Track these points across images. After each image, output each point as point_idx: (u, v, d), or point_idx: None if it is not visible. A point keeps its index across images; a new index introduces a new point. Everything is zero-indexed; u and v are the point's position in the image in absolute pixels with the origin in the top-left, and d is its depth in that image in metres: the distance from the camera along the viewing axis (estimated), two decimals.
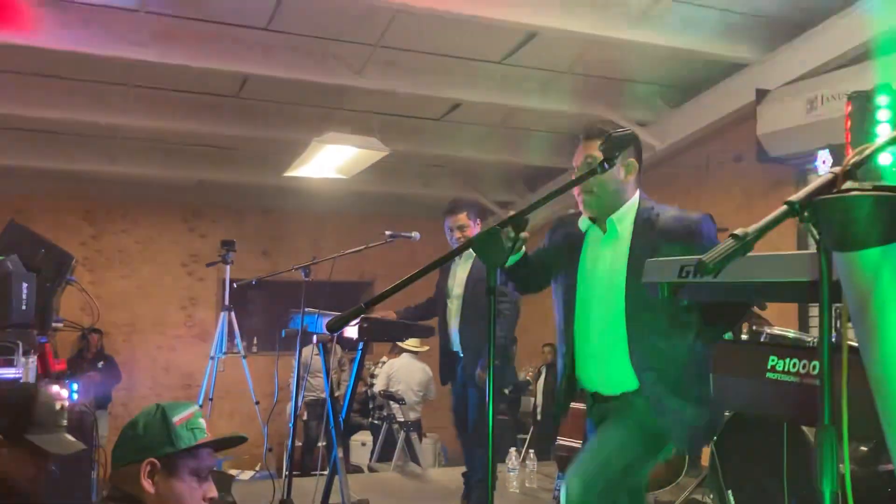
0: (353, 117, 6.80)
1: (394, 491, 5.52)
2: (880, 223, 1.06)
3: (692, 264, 1.61)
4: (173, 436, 1.80)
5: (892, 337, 1.10)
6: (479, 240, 1.82)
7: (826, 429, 1.17)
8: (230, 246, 6.19)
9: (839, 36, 5.15)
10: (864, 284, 1.10)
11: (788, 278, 1.39)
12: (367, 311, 1.74)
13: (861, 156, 1.25)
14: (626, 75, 6.45)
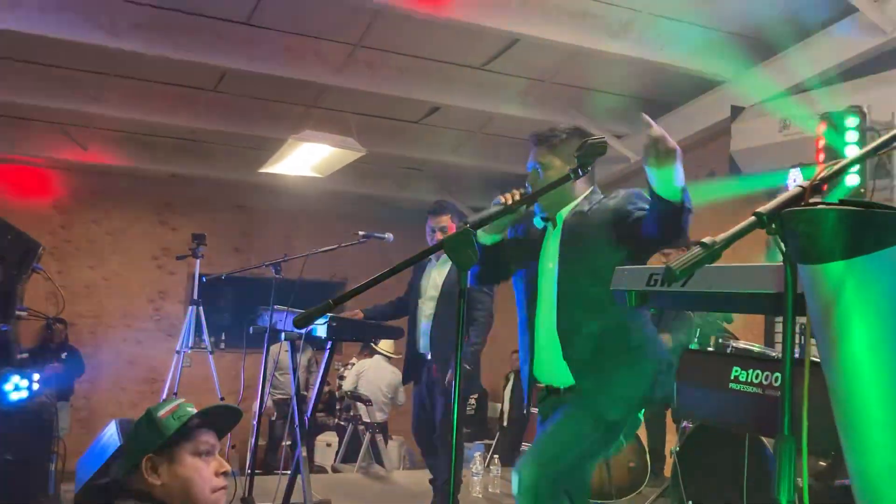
0: (331, 116, 6.78)
1: (357, 492, 5.49)
2: (845, 237, 1.08)
3: (660, 273, 1.62)
4: (161, 428, 1.87)
5: (854, 350, 1.11)
6: (450, 241, 1.81)
7: (785, 439, 1.18)
8: (201, 240, 6.15)
9: (814, 57, 5.23)
10: (828, 297, 1.12)
11: (754, 290, 1.40)
12: (335, 309, 1.73)
13: (829, 171, 1.27)
14: (604, 87, 6.50)
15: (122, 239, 9.42)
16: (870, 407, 1.12)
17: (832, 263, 1.09)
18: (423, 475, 5.56)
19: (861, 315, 1.09)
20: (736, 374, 1.52)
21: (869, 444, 1.14)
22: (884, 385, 1.11)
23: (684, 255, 1.17)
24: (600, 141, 1.95)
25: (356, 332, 4.31)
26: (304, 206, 9.48)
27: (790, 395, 1.18)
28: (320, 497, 4.83)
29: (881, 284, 1.09)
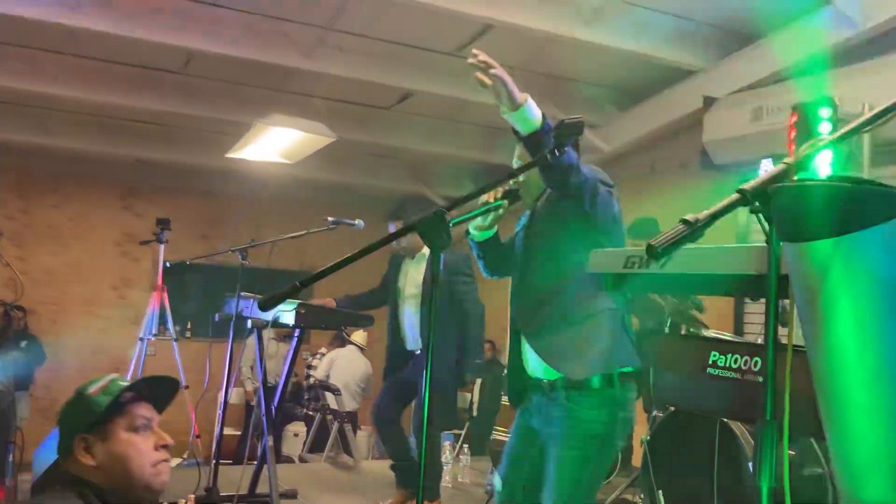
0: (300, 101, 6.66)
1: (324, 481, 5.43)
2: (834, 214, 1.03)
3: (637, 255, 1.58)
4: (91, 405, 1.77)
5: (840, 332, 1.07)
6: (423, 223, 1.75)
7: (767, 424, 1.15)
8: (165, 224, 6.01)
9: (786, 48, 5.23)
10: (814, 277, 1.08)
11: (735, 271, 1.37)
12: (302, 292, 1.67)
13: (814, 148, 1.23)
14: (578, 76, 6.46)
15: (85, 224, 9.22)
16: (854, 390, 1.09)
17: (819, 242, 1.05)
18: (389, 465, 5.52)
19: (848, 296, 1.05)
20: (714, 359, 1.49)
21: (852, 429, 1.11)
22: (869, 368, 1.07)
23: (666, 231, 1.12)
24: (577, 120, 1.90)
25: (325, 319, 4.22)
26: (272, 192, 9.35)
27: (773, 379, 1.14)
28: (287, 487, 4.76)
29: (869, 264, 1.05)
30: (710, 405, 1.61)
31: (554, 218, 2.61)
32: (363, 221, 4.47)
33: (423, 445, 1.81)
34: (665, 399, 1.66)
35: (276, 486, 4.09)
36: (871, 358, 1.07)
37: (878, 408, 1.08)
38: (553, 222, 2.61)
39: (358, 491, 5.12)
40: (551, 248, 2.60)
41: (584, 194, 2.39)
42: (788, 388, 1.15)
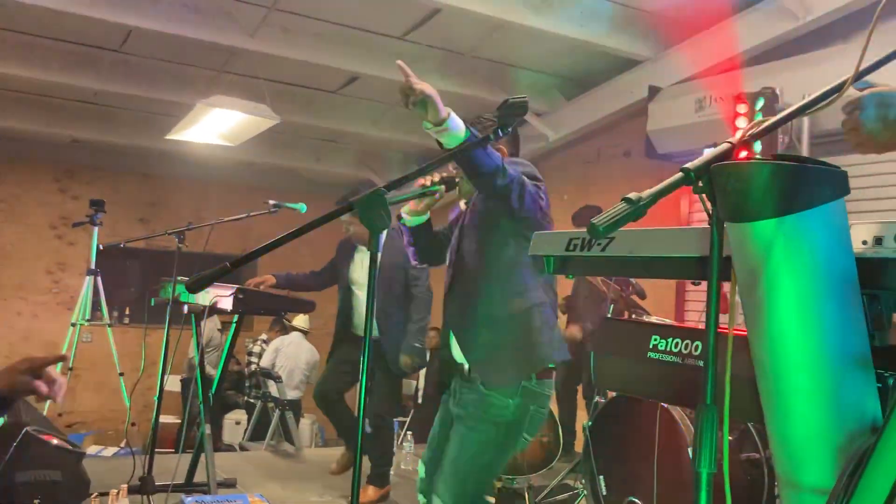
0: (243, 82, 6.51)
1: (264, 470, 5.34)
2: (777, 194, 1.01)
3: (579, 237, 1.55)
4: None
5: (781, 313, 1.06)
6: (362, 202, 1.70)
7: (707, 409, 1.13)
8: (99, 206, 5.81)
9: (730, 39, 5.30)
10: (756, 258, 1.06)
11: (678, 254, 1.35)
12: (233, 271, 1.60)
13: (758, 128, 1.21)
14: (526, 64, 6.45)
15: (18, 207, 8.89)
16: (794, 373, 1.07)
17: (762, 221, 1.03)
18: (333, 453, 5.46)
19: (790, 276, 1.04)
20: (655, 344, 1.47)
21: (792, 412, 1.10)
22: (809, 350, 1.06)
23: (609, 209, 1.09)
24: (522, 100, 1.86)
25: (265, 304, 4.13)
26: (214, 175, 9.15)
27: (714, 363, 1.12)
28: (226, 476, 4.67)
29: (812, 244, 1.03)
30: (651, 390, 1.59)
31: (484, 216, 2.61)
32: (305, 205, 4.38)
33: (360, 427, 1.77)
34: (607, 384, 1.64)
35: (213, 475, 4.00)
36: (812, 340, 1.06)
37: (818, 390, 1.07)
38: (483, 220, 2.62)
39: (299, 479, 5.04)
40: (481, 246, 2.60)
41: (512, 194, 2.39)
42: (729, 372, 1.14)
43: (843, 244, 1.07)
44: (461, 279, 2.65)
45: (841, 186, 1.05)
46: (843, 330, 1.06)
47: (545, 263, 1.64)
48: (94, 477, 3.90)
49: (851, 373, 1.07)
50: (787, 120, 1.26)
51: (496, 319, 2.56)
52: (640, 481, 3.52)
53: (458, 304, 2.63)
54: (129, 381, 5.79)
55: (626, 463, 3.64)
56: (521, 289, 2.59)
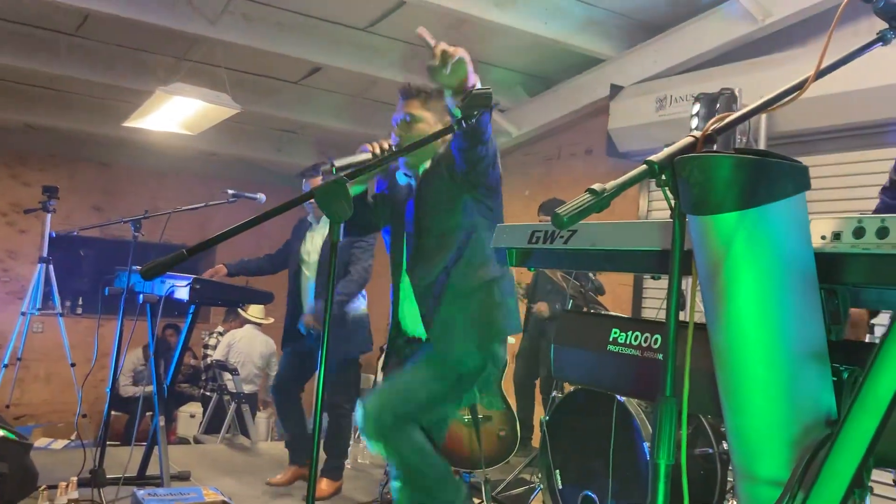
0: (204, 70, 6.40)
1: (219, 463, 5.27)
2: (739, 187, 1.02)
3: (542, 230, 1.55)
4: None
5: (741, 306, 1.07)
6: (322, 191, 1.68)
7: (666, 400, 1.13)
8: (52, 193, 5.67)
9: (691, 40, 5.37)
10: (717, 251, 1.06)
11: (639, 247, 1.35)
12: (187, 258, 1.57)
13: (722, 122, 1.22)
14: (489, 59, 6.45)
15: None
16: (752, 365, 1.08)
17: (724, 215, 1.03)
18: None
19: (750, 269, 1.05)
20: (615, 336, 1.47)
21: (750, 404, 1.11)
22: (768, 343, 1.07)
23: (572, 200, 1.09)
24: (486, 91, 1.85)
25: (222, 295, 4.07)
26: (172, 165, 9.00)
27: (674, 355, 1.12)
28: (179, 469, 4.60)
29: (773, 238, 1.04)
30: (610, 382, 1.60)
31: (446, 189, 2.59)
32: (265, 195, 4.34)
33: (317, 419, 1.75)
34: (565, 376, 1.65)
35: (167, 468, 3.94)
36: (771, 333, 1.07)
37: (776, 383, 1.08)
38: (444, 193, 2.60)
39: (254, 472, 4.99)
40: (442, 220, 2.60)
41: (490, 166, 2.42)
42: (688, 364, 1.14)
43: (802, 238, 1.08)
44: (422, 254, 2.62)
45: (802, 181, 1.06)
46: (802, 324, 1.08)
47: (507, 256, 1.64)
48: (42, 470, 3.82)
49: (808, 366, 1.08)
50: (750, 115, 1.27)
51: (459, 293, 2.58)
52: (596, 476, 3.56)
53: (420, 279, 2.61)
54: (80, 373, 5.67)
55: (582, 457, 3.67)
56: (483, 262, 2.62)
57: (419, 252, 2.62)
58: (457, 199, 2.57)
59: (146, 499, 3.20)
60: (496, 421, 3.90)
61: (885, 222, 1.05)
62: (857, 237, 1.07)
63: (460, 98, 2.19)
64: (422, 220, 2.63)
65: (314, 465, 1.77)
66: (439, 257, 2.58)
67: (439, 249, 2.58)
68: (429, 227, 2.61)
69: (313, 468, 1.77)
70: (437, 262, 2.58)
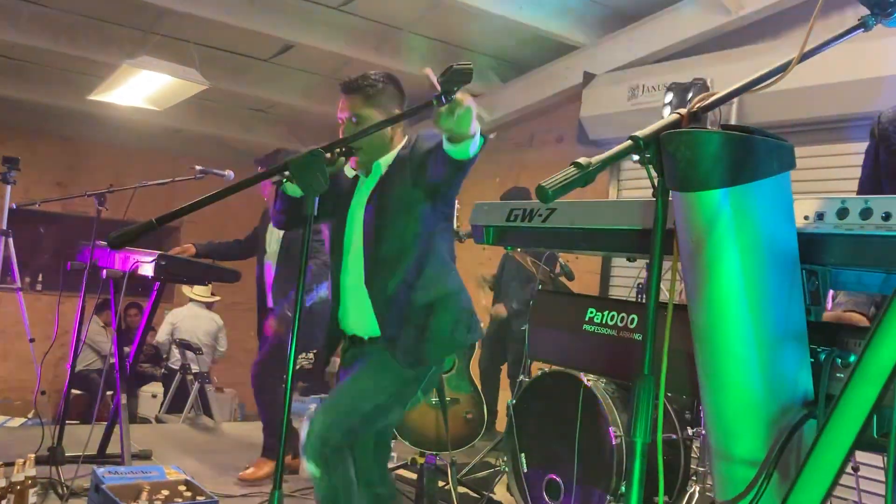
0: (172, 45, 6.27)
1: (181, 442, 5.21)
2: (725, 164, 1.01)
3: (521, 208, 1.53)
4: None
5: (723, 284, 1.06)
6: (297, 163, 1.65)
7: (644, 379, 1.13)
8: (13, 164, 5.51)
9: (664, 30, 5.39)
10: (701, 228, 1.05)
11: (620, 226, 1.34)
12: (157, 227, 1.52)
13: (706, 101, 1.21)
14: (464, 43, 6.41)
15: None
16: (732, 343, 1.08)
17: (710, 191, 1.03)
18: (253, 427, 5.36)
19: (734, 247, 1.04)
20: (590, 316, 1.46)
21: (727, 383, 1.11)
22: (748, 322, 1.07)
23: (558, 173, 1.07)
24: (467, 66, 1.82)
25: (188, 272, 4.00)
26: (138, 141, 8.82)
27: (653, 334, 1.12)
28: (140, 448, 4.53)
29: (757, 216, 1.04)
30: (585, 362, 1.60)
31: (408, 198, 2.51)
32: (233, 173, 4.27)
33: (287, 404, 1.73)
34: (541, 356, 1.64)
35: (128, 446, 3.88)
36: (753, 312, 1.06)
37: (756, 362, 1.08)
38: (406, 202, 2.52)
39: (216, 452, 4.94)
40: (405, 230, 2.52)
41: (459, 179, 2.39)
42: (668, 343, 1.14)
43: (786, 218, 1.08)
44: (380, 264, 2.53)
45: (787, 160, 1.05)
46: (783, 303, 1.08)
47: (485, 234, 1.62)
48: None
49: (788, 346, 1.08)
50: (735, 95, 1.27)
51: (418, 307, 2.53)
52: (561, 460, 3.58)
53: (379, 290, 2.52)
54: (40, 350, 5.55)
55: (548, 441, 3.68)
56: (441, 273, 2.59)
57: (377, 262, 2.53)
58: (417, 206, 2.49)
59: (106, 476, 3.15)
60: (463, 403, 3.90)
61: (868, 203, 1.05)
62: (840, 218, 1.07)
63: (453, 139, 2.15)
64: (381, 227, 2.52)
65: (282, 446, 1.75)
66: (399, 268, 2.51)
67: (398, 260, 2.51)
68: (388, 235, 2.52)
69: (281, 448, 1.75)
70: (396, 273, 2.51)
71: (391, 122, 2.03)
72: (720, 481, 1.18)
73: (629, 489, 1.11)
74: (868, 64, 4.05)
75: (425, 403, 3.76)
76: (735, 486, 1.14)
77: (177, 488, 3.22)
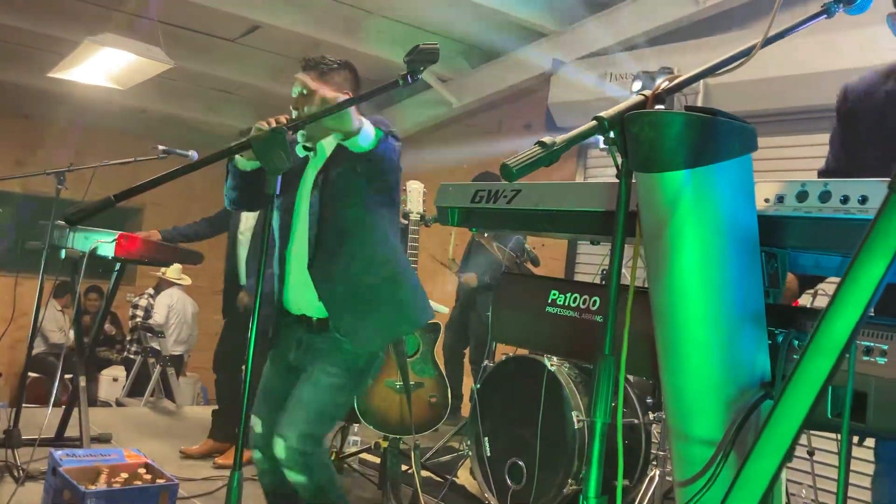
0: (136, 23, 6.14)
1: (142, 426, 5.15)
2: (688, 145, 1.02)
3: (486, 189, 1.53)
4: None
5: (684, 265, 1.07)
6: (259, 141, 1.62)
7: (605, 358, 1.13)
8: None
9: (633, 18, 5.40)
10: (663, 209, 1.06)
11: (585, 207, 1.34)
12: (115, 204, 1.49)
13: (672, 83, 1.21)
14: (432, 27, 6.37)
15: None
16: (692, 325, 1.09)
17: (672, 173, 1.03)
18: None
19: (695, 229, 1.05)
20: (553, 298, 1.47)
21: (686, 363, 1.11)
22: (708, 303, 1.08)
23: (522, 151, 1.07)
24: (433, 47, 1.81)
25: (150, 253, 3.94)
26: (100, 120, 8.65)
27: (614, 314, 1.12)
28: (100, 431, 4.48)
29: (719, 198, 1.04)
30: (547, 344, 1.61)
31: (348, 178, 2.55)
32: (197, 153, 4.20)
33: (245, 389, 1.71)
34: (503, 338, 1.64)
35: (87, 429, 3.83)
36: (712, 293, 1.07)
37: (715, 343, 1.08)
38: (348, 182, 2.56)
39: (176, 436, 4.89)
40: (348, 209, 2.58)
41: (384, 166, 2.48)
42: (628, 324, 1.14)
43: (747, 200, 1.08)
44: (324, 248, 2.56)
45: (749, 142, 1.06)
46: (743, 285, 1.08)
47: (450, 216, 1.62)
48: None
49: (747, 328, 1.09)
50: (699, 78, 1.28)
51: (368, 284, 2.60)
52: (524, 444, 3.60)
53: (325, 266, 2.56)
54: None
55: (511, 425, 3.71)
56: (391, 252, 2.68)
57: (321, 246, 2.56)
58: (361, 191, 2.55)
59: (64, 459, 3.09)
60: (427, 387, 3.90)
61: (827, 186, 1.06)
62: (800, 201, 1.08)
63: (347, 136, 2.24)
64: (325, 209, 2.56)
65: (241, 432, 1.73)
66: (343, 251, 2.57)
67: (342, 243, 2.57)
68: (332, 217, 2.56)
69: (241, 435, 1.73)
70: (340, 257, 2.56)
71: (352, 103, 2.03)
72: (678, 461, 1.19)
73: (588, 469, 1.11)
74: (835, 56, 4.11)
75: (389, 388, 3.75)
76: (693, 466, 1.15)
77: (136, 471, 3.18)
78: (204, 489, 3.82)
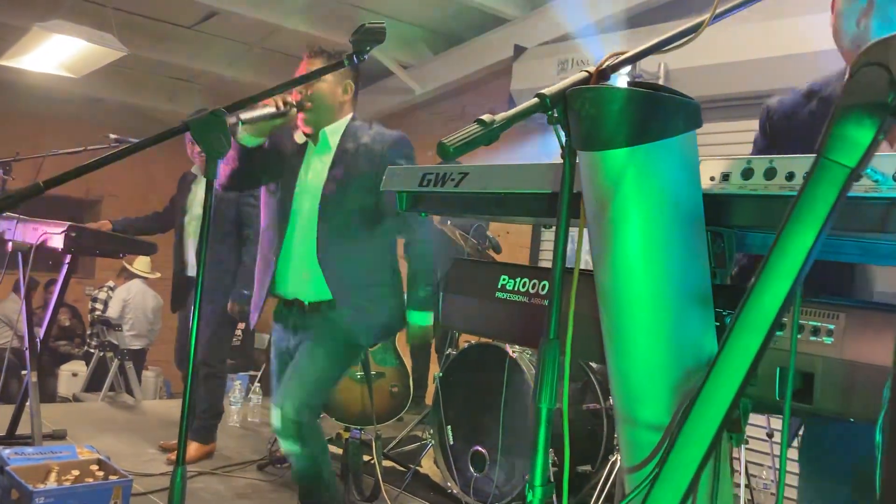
0: (88, 9, 6.00)
1: (99, 422, 5.04)
2: (630, 122, 0.98)
3: (434, 172, 1.49)
4: None
5: (627, 247, 1.04)
6: (196, 123, 1.56)
7: (550, 342, 1.10)
8: None
9: (594, 4, 5.38)
10: (606, 188, 1.02)
11: (532, 189, 1.31)
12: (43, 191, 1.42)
13: (617, 59, 1.18)
14: (393, 14, 6.30)
15: None
16: (637, 307, 1.06)
17: (614, 150, 0.99)
18: (174, 405, 5.24)
19: (638, 208, 1.01)
20: (503, 283, 1.44)
21: (633, 347, 1.08)
22: (653, 284, 1.05)
23: (461, 129, 1.03)
24: (379, 26, 1.76)
25: (101, 244, 3.83)
26: (52, 109, 8.44)
27: (559, 297, 1.09)
28: (55, 427, 4.37)
29: (662, 176, 1.01)
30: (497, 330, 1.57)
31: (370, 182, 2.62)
32: None
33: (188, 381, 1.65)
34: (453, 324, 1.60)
35: (38, 426, 3.73)
36: (657, 274, 1.04)
37: (660, 326, 1.06)
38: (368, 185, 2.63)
39: (135, 431, 4.80)
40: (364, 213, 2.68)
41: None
42: (573, 307, 1.11)
43: (692, 178, 1.06)
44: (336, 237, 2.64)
45: (694, 119, 1.03)
46: (688, 266, 1.06)
47: (398, 200, 1.57)
48: None
49: (693, 310, 1.07)
50: (645, 55, 1.24)
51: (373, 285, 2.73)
52: (487, 431, 3.59)
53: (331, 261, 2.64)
54: None
55: (474, 413, 3.68)
56: (392, 257, 2.82)
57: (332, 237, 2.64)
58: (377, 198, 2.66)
59: (12, 458, 3.00)
60: (389, 377, 3.87)
61: (773, 163, 1.03)
62: (745, 178, 1.06)
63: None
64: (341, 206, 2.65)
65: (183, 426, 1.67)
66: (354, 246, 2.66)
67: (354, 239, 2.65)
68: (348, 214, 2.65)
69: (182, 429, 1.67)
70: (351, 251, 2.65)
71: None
72: (626, 447, 1.16)
73: (534, 456, 1.08)
74: (783, 41, 4.13)
75: (350, 378, 3.71)
76: (641, 451, 1.12)
77: (88, 468, 3.10)
78: (162, 484, 3.74)
